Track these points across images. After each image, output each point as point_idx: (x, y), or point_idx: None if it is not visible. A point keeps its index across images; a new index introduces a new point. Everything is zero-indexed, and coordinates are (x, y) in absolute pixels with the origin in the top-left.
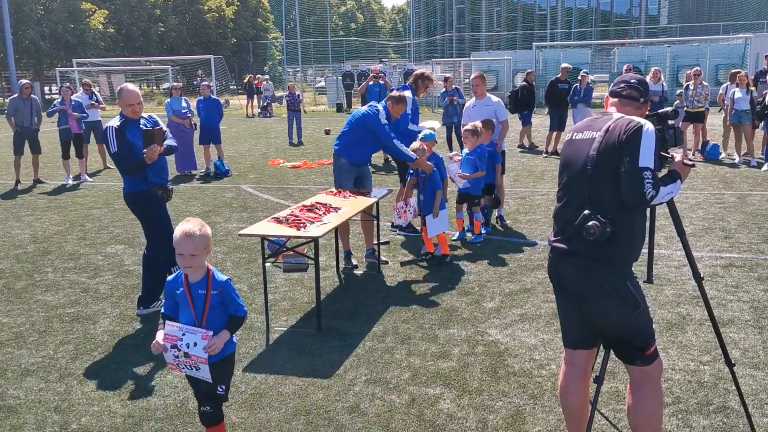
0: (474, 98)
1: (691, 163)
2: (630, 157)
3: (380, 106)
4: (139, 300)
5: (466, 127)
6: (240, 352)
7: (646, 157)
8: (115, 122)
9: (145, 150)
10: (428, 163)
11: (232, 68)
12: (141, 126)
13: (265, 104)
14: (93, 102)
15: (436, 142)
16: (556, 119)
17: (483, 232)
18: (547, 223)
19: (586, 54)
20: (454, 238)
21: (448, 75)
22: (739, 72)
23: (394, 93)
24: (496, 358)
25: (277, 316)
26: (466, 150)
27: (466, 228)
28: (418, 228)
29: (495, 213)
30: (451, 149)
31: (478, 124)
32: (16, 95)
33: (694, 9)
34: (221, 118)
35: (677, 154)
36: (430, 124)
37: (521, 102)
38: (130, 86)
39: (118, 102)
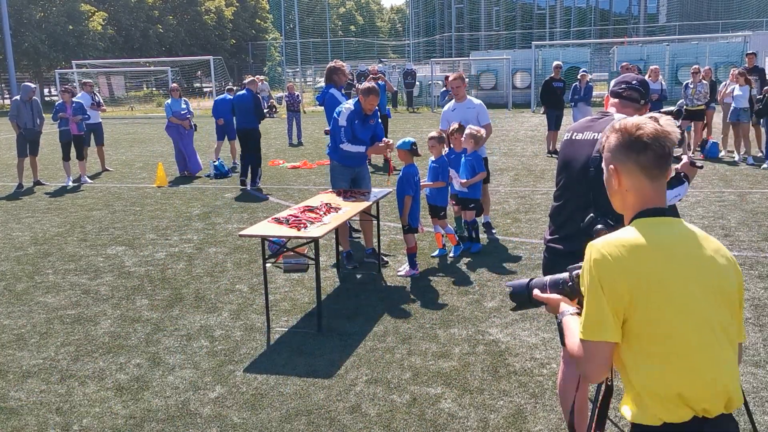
0: (453, 101)
1: (700, 165)
2: None
3: (350, 105)
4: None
5: (465, 132)
6: (240, 353)
7: None
8: None
9: None
10: (378, 146)
11: (232, 69)
12: None
13: (270, 104)
14: (94, 104)
15: (417, 153)
16: (554, 118)
17: (461, 246)
18: (547, 222)
19: (585, 53)
20: (433, 255)
21: (448, 74)
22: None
23: (363, 84)
24: (496, 357)
25: (278, 316)
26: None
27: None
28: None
29: (482, 220)
30: None
31: (480, 129)
32: (18, 97)
33: (693, 7)
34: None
35: (684, 156)
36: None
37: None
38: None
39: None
